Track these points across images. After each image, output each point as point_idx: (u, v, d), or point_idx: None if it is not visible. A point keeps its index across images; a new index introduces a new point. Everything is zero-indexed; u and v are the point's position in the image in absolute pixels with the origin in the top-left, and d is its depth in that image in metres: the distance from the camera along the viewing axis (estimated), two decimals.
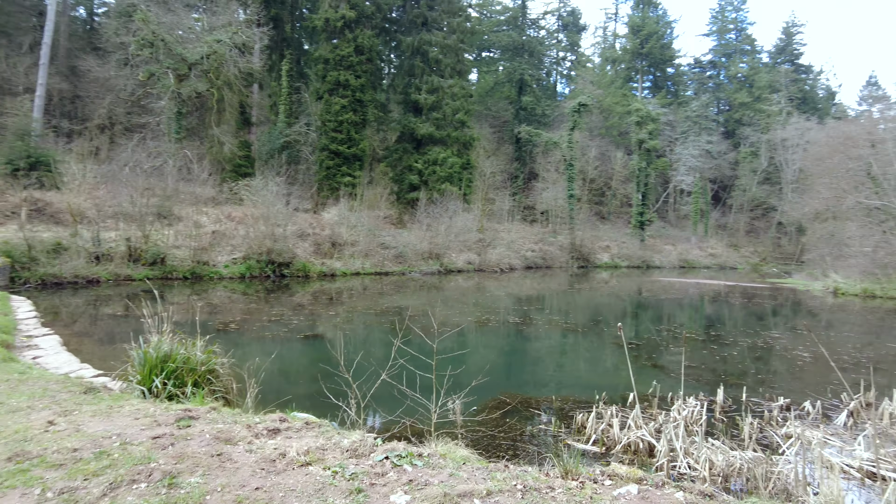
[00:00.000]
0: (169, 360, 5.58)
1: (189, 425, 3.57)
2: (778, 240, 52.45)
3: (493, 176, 46.90)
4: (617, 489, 3.19)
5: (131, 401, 4.39)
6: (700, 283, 31.89)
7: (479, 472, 3.30)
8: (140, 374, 5.59)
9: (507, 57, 55.69)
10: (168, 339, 5.77)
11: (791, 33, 65.70)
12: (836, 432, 6.77)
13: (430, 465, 3.28)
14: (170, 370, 5.50)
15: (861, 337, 14.29)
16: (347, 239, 27.56)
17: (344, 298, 18.89)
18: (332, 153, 32.88)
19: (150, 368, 5.52)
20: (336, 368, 5.11)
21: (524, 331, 13.87)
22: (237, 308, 15.42)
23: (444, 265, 30.51)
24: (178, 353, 5.67)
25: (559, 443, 6.13)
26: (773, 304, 22.28)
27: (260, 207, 24.12)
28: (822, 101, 65.36)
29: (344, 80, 32.48)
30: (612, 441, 6.06)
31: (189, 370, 5.63)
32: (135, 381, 5.54)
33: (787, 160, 50.86)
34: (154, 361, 5.55)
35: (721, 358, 11.05)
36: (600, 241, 44.58)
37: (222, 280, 21.97)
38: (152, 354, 5.59)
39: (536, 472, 3.47)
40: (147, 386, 5.43)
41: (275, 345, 10.62)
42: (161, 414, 3.84)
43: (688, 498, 3.18)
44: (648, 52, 60.74)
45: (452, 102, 36.89)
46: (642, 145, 47.15)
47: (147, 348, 5.70)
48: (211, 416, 3.85)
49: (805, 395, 8.42)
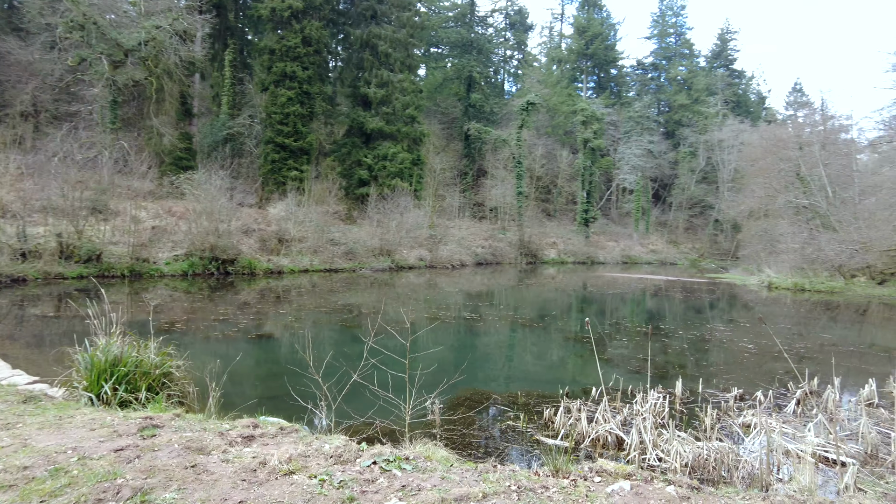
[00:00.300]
0: (120, 363, 5.18)
1: (154, 434, 3.27)
2: (715, 236, 54.85)
3: (443, 172, 46.95)
4: (609, 486, 3.15)
5: (82, 410, 4.01)
6: (643, 277, 32.93)
7: (470, 474, 3.18)
8: (87, 380, 5.17)
9: (455, 53, 55.74)
10: (118, 342, 5.36)
11: (726, 39, 68.80)
12: (787, 420, 7.03)
13: (418, 468, 3.13)
14: (121, 374, 5.11)
15: (793, 328, 15.07)
16: (295, 235, 26.85)
17: (292, 296, 18.35)
18: (277, 146, 31.94)
19: (98, 373, 5.10)
20: (297, 369, 4.87)
21: (479, 327, 13.86)
22: (181, 307, 14.70)
23: (395, 262, 30.23)
24: (129, 355, 5.27)
25: (528, 438, 6.10)
26: (713, 298, 23.24)
27: (203, 202, 23.13)
28: (753, 105, 68.82)
29: (291, 72, 31.59)
30: (580, 435, 6.07)
31: (142, 374, 5.25)
32: (81, 388, 5.12)
33: (724, 160, 53.23)
34: (103, 365, 5.14)
35: (674, 351, 11.36)
36: (547, 237, 45.36)
37: (164, 278, 20.95)
38: (101, 358, 5.17)
39: (526, 471, 3.38)
40: (95, 392, 5.03)
41: (225, 345, 10.17)
42: (120, 423, 3.51)
43: (679, 492, 3.16)
44: (593, 53, 62.17)
45: (402, 97, 36.55)
46: (587, 144, 48.24)
47: (95, 351, 5.28)
48: (176, 424, 3.55)
49: (753, 384, 8.75)
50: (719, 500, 3.18)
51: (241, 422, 3.73)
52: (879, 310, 20.33)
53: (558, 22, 73.91)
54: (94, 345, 5.44)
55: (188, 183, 24.20)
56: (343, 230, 30.22)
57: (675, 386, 8.01)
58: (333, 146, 37.83)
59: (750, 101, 68.89)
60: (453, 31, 54.80)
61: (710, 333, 13.64)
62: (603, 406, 6.25)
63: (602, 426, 5.99)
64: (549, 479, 3.21)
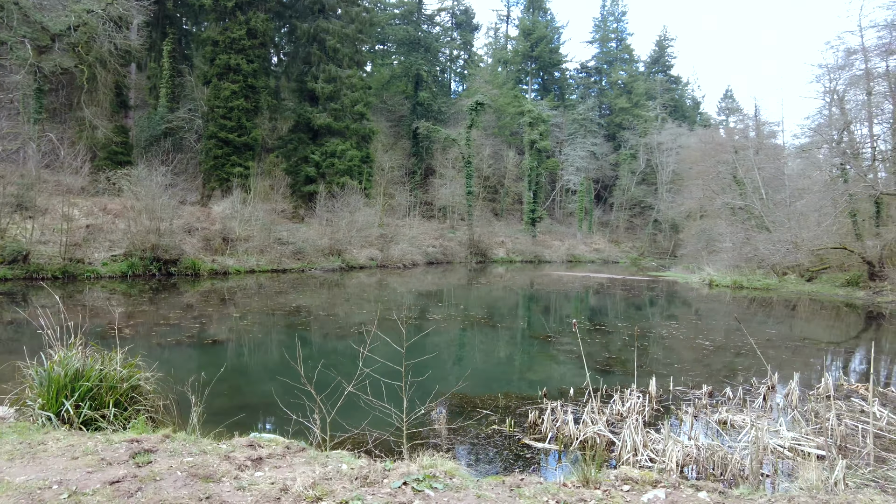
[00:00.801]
0: (83, 377, 4.70)
1: (150, 461, 2.91)
2: (654, 236, 56.88)
3: (392, 171, 46.48)
4: (643, 495, 3.05)
5: (53, 434, 3.56)
6: (589, 276, 33.68)
7: (501, 490, 3.01)
8: (42, 397, 4.66)
9: (403, 51, 55.29)
10: (79, 353, 4.87)
11: (663, 46, 71.49)
12: (760, 415, 7.20)
13: (449, 486, 2.93)
14: (84, 390, 4.62)
15: (735, 324, 15.71)
16: (241, 234, 25.85)
17: (238, 298, 17.60)
18: (221, 141, 30.66)
19: (57, 389, 4.60)
20: (282, 378, 4.55)
21: (444, 328, 13.68)
22: (122, 311, 13.79)
23: (346, 261, 29.63)
24: (92, 368, 4.79)
25: (517, 443, 5.97)
26: (659, 296, 24.02)
27: (143, 199, 21.88)
28: (689, 111, 71.84)
29: (235, 65, 30.39)
30: (568, 438, 6.01)
31: (108, 388, 4.77)
32: (36, 406, 4.60)
33: (662, 163, 55.27)
34: (62, 380, 4.64)
35: (640, 349, 11.56)
36: (496, 236, 45.73)
37: (100, 280, 19.67)
38: (59, 372, 4.67)
39: (555, 483, 3.24)
40: (53, 410, 4.53)
41: (179, 352, 9.58)
42: (104, 448, 3.11)
43: (711, 497, 3.10)
44: (538, 56, 63.17)
45: (351, 93, 35.89)
46: (534, 145, 48.96)
47: (51, 365, 4.76)
48: (170, 447, 3.19)
49: (718, 380, 8.99)
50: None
51: (238, 441, 3.39)
52: (807, 305, 21.56)
53: (504, 23, 74.74)
54: (49, 357, 4.93)
55: (127, 179, 22.82)
56: (291, 229, 29.33)
57: (646, 384, 8.10)
58: (279, 142, 36.72)
59: (686, 107, 71.89)
60: (401, 29, 54.32)
61: (668, 331, 14.00)
62: (590, 408, 6.22)
63: (591, 428, 5.94)
64: (582, 489, 3.08)
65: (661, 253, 54.59)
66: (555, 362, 10.53)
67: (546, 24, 64.73)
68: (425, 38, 54.66)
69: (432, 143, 50.82)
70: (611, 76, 67.52)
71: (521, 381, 9.01)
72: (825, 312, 19.87)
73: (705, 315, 18.69)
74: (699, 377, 9.27)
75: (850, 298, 23.11)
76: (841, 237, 24.25)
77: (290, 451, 3.22)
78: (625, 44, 70.05)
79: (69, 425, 4.39)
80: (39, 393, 4.70)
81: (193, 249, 23.78)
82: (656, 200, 55.70)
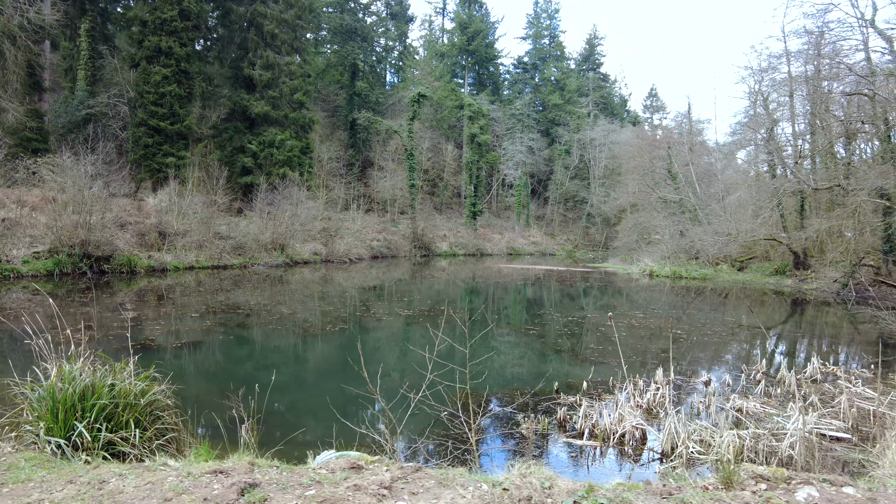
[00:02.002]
0: (93, 394, 4.04)
1: (265, 498, 2.41)
2: (587, 229, 58.62)
3: (331, 162, 45.24)
4: (796, 493, 2.88)
5: (108, 467, 2.94)
6: (537, 268, 34.18)
7: (657, 500, 2.74)
8: (46, 420, 3.97)
9: (338, 40, 53.80)
10: (86, 365, 4.20)
11: (593, 44, 73.58)
12: (764, 401, 7.33)
13: (613, 501, 2.62)
14: (98, 409, 3.97)
15: (679, 311, 16.33)
16: (179, 228, 24.22)
17: (178, 296, 16.42)
18: (151, 129, 28.58)
19: (65, 410, 3.93)
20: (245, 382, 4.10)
21: (413, 324, 13.31)
22: (41, 312, 12.46)
23: (290, 257, 28.48)
24: (103, 383, 4.14)
25: (555, 442, 5.76)
26: (604, 286, 24.68)
27: (70, 190, 19.97)
28: (617, 108, 74.40)
29: (167, 48, 28.36)
30: (604, 432, 5.86)
31: (126, 406, 4.14)
32: (42, 431, 3.91)
33: (595, 158, 56.95)
34: (70, 399, 3.97)
35: (618, 339, 11.66)
36: (438, 230, 45.55)
37: (21, 279, 17.80)
38: (65, 390, 3.99)
39: (690, 484, 3.02)
40: (62, 435, 3.86)
41: (148, 357, 8.70)
42: (195, 485, 2.56)
43: (861, 493, 2.98)
44: (475, 50, 63.32)
45: (290, 81, 34.48)
46: (474, 139, 49.10)
47: (52, 382, 4.07)
48: (274, 477, 2.68)
49: (707, 367, 9.19)
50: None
51: (338, 463, 2.91)
52: (747, 293, 22.84)
53: (439, 16, 74.41)
54: (44, 372, 4.23)
55: (49, 168, 20.76)
56: (230, 223, 27.80)
57: (651, 374, 8.13)
58: (212, 131, 34.74)
59: (614, 104, 74.40)
60: (336, 16, 52.81)
61: (636, 320, 14.26)
62: (623, 400, 6.10)
63: (628, 422, 5.82)
64: (722, 492, 2.88)
65: (594, 245, 56.36)
66: (543, 356, 10.43)
67: (482, 19, 64.93)
68: (362, 27, 53.42)
69: (370, 135, 49.86)
70: (544, 73, 68.74)
71: (530, 377, 8.81)
72: (767, 299, 21.08)
73: (663, 305, 19.28)
74: (695, 364, 9.44)
75: (780, 286, 24.67)
76: (768, 229, 25.79)
77: (406, 472, 2.80)
78: (557, 41, 71.37)
79: (87, 452, 3.75)
80: (41, 416, 4.00)
81: (127, 245, 22.04)
82: (589, 195, 57.37)
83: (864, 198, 19.40)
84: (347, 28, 52.06)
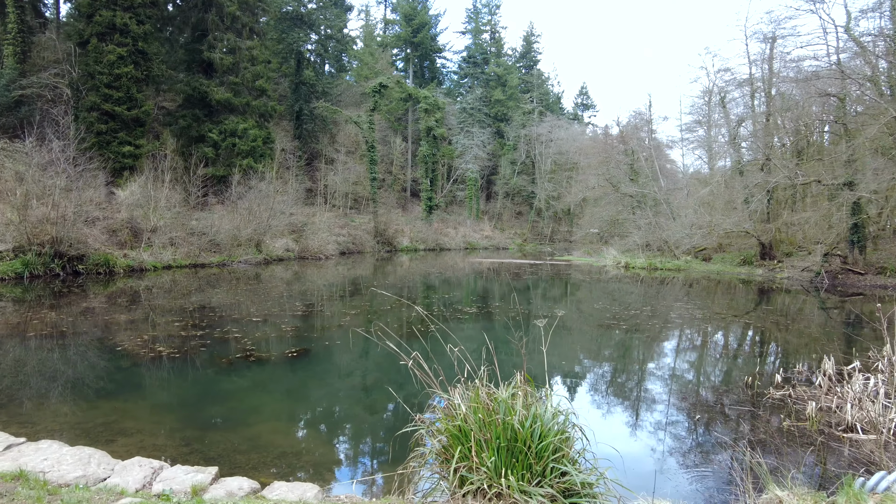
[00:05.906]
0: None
1: None
2: (536, 223, 59.62)
3: (283, 154, 43.01)
4: None
5: None
6: (503, 261, 34.12)
7: None
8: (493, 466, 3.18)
9: (284, 27, 51.23)
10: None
11: (530, 41, 74.77)
12: None
13: None
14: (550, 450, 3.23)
15: (662, 301, 16.80)
16: (154, 224, 21.98)
17: (142, 300, 14.60)
18: (105, 115, 25.73)
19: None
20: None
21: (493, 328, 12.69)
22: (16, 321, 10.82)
23: (266, 254, 26.67)
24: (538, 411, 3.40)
25: (838, 439, 5.46)
26: (589, 279, 24.93)
27: (34, 181, 17.49)
28: (552, 105, 76.13)
29: (122, 24, 25.56)
30: (871, 425, 5.64)
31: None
32: (482, 481, 3.13)
33: (541, 153, 57.94)
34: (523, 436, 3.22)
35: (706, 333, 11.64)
36: (398, 224, 44.59)
37: None
38: (516, 421, 3.23)
39: None
40: None
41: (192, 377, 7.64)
42: None
43: None
44: (420, 42, 62.54)
45: (252, 67, 32.33)
46: (430, 132, 48.45)
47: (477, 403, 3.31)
48: None
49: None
50: None
51: None
52: (725, 283, 23.83)
53: (380, 6, 72.76)
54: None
55: (7, 154, 18.08)
56: (202, 218, 25.63)
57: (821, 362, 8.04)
58: (168, 118, 31.90)
59: (549, 101, 76.06)
60: (279, 1, 50.22)
61: (677, 312, 14.39)
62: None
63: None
64: None
65: (542, 239, 57.44)
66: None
67: (425, 11, 64.21)
68: (308, 14, 51.16)
69: (316, 126, 47.89)
70: (484, 69, 69.06)
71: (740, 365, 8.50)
72: (747, 287, 22.07)
73: (667, 296, 19.66)
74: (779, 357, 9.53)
75: (751, 276, 26.04)
76: (743, 222, 27.19)
77: None
78: (497, 37, 71.85)
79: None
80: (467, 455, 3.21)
81: (97, 243, 19.66)
82: (537, 189, 58.33)
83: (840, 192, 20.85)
84: (293, 15, 49.65)
